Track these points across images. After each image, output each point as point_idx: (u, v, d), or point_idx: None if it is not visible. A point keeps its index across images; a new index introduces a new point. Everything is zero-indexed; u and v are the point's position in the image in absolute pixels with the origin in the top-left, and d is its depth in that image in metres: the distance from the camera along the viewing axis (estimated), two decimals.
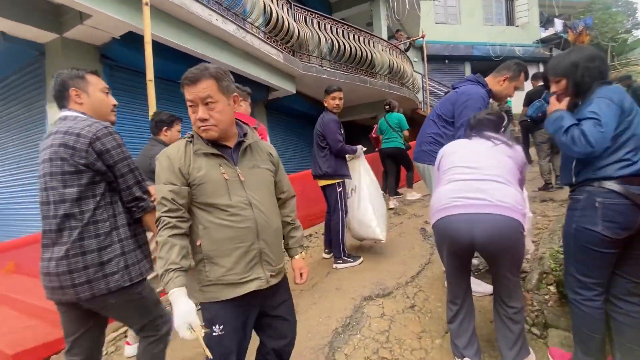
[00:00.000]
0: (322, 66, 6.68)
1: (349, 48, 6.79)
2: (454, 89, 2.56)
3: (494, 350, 1.88)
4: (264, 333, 1.38)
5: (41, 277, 1.31)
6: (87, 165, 1.27)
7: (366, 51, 7.17)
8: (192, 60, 4.40)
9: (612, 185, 1.44)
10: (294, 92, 6.46)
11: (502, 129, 1.88)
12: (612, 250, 1.48)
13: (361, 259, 3.16)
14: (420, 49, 11.19)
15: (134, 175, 1.36)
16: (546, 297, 2.35)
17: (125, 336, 2.46)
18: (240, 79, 5.30)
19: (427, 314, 2.32)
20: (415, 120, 10.67)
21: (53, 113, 3.65)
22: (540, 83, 4.78)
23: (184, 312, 1.04)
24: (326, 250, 3.39)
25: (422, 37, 8.90)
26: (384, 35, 9.04)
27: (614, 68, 16.40)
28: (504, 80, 2.45)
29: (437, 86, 11.39)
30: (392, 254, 3.18)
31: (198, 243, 1.18)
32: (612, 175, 1.45)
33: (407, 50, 9.98)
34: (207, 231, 1.17)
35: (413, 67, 9.63)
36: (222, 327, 1.17)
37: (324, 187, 3.16)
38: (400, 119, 5.03)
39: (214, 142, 1.23)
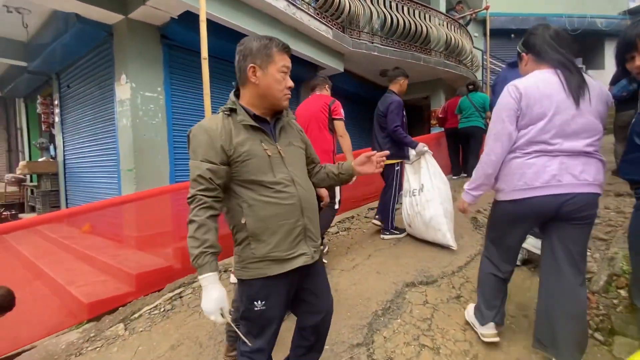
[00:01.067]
0: (372, 42, 6.39)
1: (402, 22, 6.39)
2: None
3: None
4: (299, 309, 1.39)
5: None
6: None
7: (421, 26, 6.70)
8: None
9: None
10: (342, 70, 6.30)
11: None
12: None
13: (406, 232, 3.28)
14: (482, 22, 10.20)
15: None
16: (615, 301, 2.11)
17: (181, 296, 2.70)
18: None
19: None
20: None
21: (121, 90, 3.96)
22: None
23: (218, 297, 1.06)
24: (377, 217, 3.48)
25: (487, 8, 8.05)
26: (442, 8, 8.37)
27: None
28: None
29: (500, 64, 10.38)
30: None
31: (243, 221, 1.16)
32: None
33: (467, 24, 9.14)
34: (252, 209, 1.16)
35: (473, 43, 8.85)
36: (264, 302, 1.18)
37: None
38: (485, 99, 5.04)
39: (256, 116, 1.22)
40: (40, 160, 6.37)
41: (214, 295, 1.06)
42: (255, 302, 1.18)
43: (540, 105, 1.45)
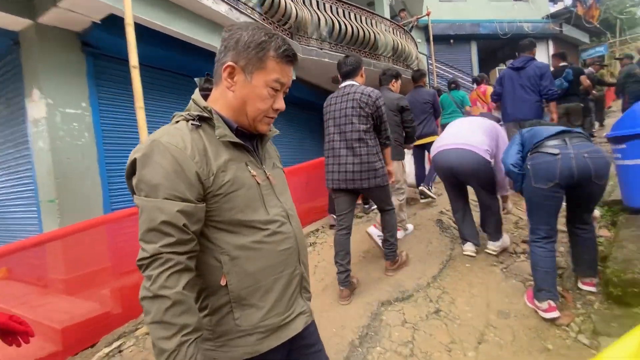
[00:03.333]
0: (322, 49, 6.28)
1: (350, 29, 6.37)
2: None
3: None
4: None
5: (335, 175, 2.39)
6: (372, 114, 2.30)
7: (368, 31, 6.74)
8: (181, 45, 4.06)
9: None
10: (294, 78, 6.08)
11: None
12: None
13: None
14: (424, 28, 10.66)
15: (387, 124, 2.40)
16: (591, 297, 2.08)
17: None
18: None
19: (455, 321, 2.05)
20: None
21: (34, 108, 3.35)
22: (562, 63, 5.07)
23: None
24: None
25: (428, 14, 8.39)
26: (387, 15, 8.57)
27: (625, 42, 15.76)
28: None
29: (443, 68, 10.91)
30: (408, 251, 2.90)
31: (223, 282, 0.81)
32: None
33: (410, 30, 9.48)
34: (237, 262, 0.81)
35: (418, 48, 9.16)
36: None
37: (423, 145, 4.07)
38: (464, 96, 5.40)
39: (238, 130, 0.87)
40: None
41: None
42: None
43: None
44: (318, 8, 6.04)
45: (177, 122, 0.82)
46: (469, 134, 2.54)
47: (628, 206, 2.62)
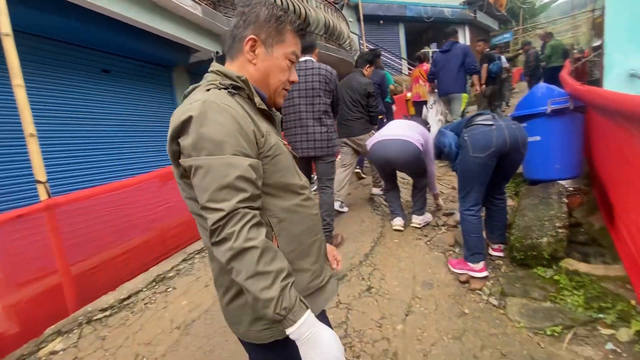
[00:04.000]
0: None
1: (279, 1, 6.05)
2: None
3: None
4: None
5: (303, 144, 2.54)
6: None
7: (299, 7, 6.49)
8: (73, 10, 3.41)
9: None
10: (221, 53, 5.63)
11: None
12: None
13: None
14: (355, 7, 10.69)
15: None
16: (499, 261, 2.32)
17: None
18: (148, 36, 4.37)
19: (385, 296, 2.14)
20: None
21: None
22: (487, 49, 5.85)
23: (335, 339, 0.72)
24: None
25: None
26: None
27: (527, 30, 17.87)
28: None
29: (374, 48, 11.13)
30: (342, 231, 2.95)
31: (275, 245, 0.77)
32: None
33: (341, 8, 9.42)
34: (284, 225, 0.82)
35: (349, 27, 9.17)
36: None
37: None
38: (386, 75, 5.29)
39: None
40: None
41: (329, 338, 0.71)
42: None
43: None
44: None
45: (208, 89, 0.78)
46: (405, 130, 2.76)
47: (528, 178, 2.97)
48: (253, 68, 0.86)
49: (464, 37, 14.09)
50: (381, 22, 12.58)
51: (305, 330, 0.69)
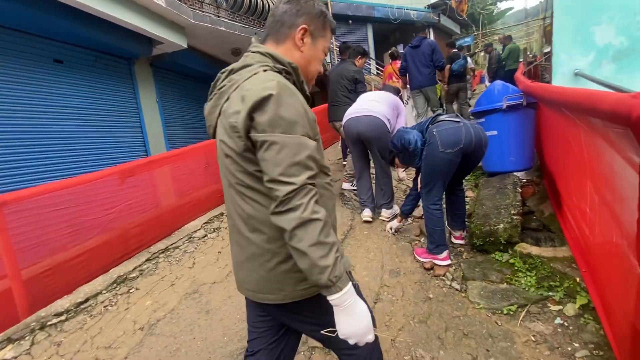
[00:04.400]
0: (220, 17, 5.73)
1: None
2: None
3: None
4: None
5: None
6: None
7: (268, 3, 6.42)
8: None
9: None
10: (185, 46, 5.43)
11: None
12: None
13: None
14: (325, 5, 10.75)
15: None
16: (460, 249, 2.44)
17: None
18: (105, 25, 4.12)
19: None
20: (323, 82, 10.47)
21: None
22: (454, 50, 6.14)
23: (368, 310, 0.82)
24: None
25: None
26: None
27: (486, 35, 18.90)
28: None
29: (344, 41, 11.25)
30: None
31: None
32: None
33: None
34: (322, 200, 0.88)
35: None
36: None
37: None
38: None
39: None
40: None
41: (364, 309, 0.81)
42: (355, 284, 0.93)
43: None
44: None
45: (265, 70, 0.85)
46: (373, 104, 2.88)
47: (486, 171, 3.16)
48: (299, 55, 0.94)
49: (429, 39, 14.62)
50: (350, 22, 12.75)
51: (347, 298, 0.78)
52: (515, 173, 2.88)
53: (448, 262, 2.24)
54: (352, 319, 0.79)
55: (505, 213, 2.25)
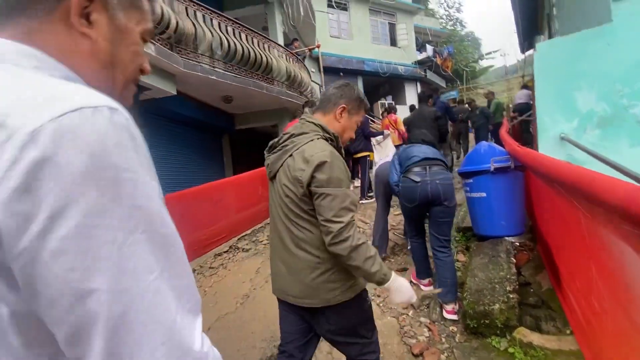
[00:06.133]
0: (213, 66, 5.84)
1: (241, 49, 6.13)
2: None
3: None
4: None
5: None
6: None
7: (261, 55, 6.63)
8: None
9: None
10: (175, 93, 5.44)
11: None
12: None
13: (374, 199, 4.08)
14: (317, 59, 11.28)
15: None
16: (453, 328, 2.18)
17: None
18: None
19: None
20: None
21: None
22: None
23: (408, 283, 1.23)
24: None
25: (318, 46, 8.90)
26: (280, 42, 8.68)
27: (469, 89, 20.01)
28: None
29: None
30: None
31: None
32: None
33: (303, 60, 9.87)
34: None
35: (311, 77, 9.55)
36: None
37: (358, 158, 5.51)
38: None
39: None
40: None
41: (406, 283, 1.22)
42: (367, 300, 1.33)
43: None
44: (204, 22, 5.62)
45: (319, 139, 1.21)
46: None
47: (477, 234, 2.98)
48: (338, 125, 1.30)
49: (417, 92, 15.34)
50: (341, 74, 13.35)
51: (394, 280, 1.17)
52: (507, 238, 2.71)
53: (429, 288, 2.60)
54: (400, 293, 1.19)
55: (500, 289, 2.03)
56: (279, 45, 7.86)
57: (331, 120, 1.28)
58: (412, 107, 8.60)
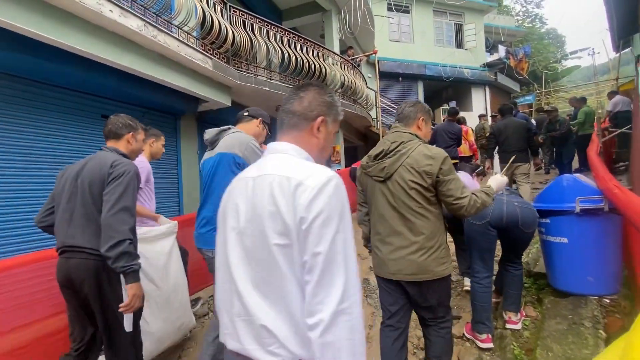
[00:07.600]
0: (270, 78, 5.92)
1: (294, 59, 6.11)
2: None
3: None
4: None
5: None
6: None
7: (316, 64, 6.55)
8: (72, 58, 3.34)
9: None
10: (230, 104, 5.60)
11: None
12: None
13: None
14: (373, 64, 10.94)
15: None
16: None
17: None
18: (156, 87, 4.34)
19: None
20: (367, 137, 10.31)
21: None
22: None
23: (503, 178, 1.81)
24: None
25: (374, 53, 8.57)
26: (336, 49, 8.54)
27: (549, 93, 17.74)
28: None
29: (390, 104, 11.19)
30: None
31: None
32: None
33: (358, 66, 9.61)
34: None
35: (367, 84, 9.25)
36: None
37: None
38: None
39: None
40: None
41: (502, 179, 1.80)
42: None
43: None
44: (260, 35, 5.71)
45: (423, 144, 1.68)
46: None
47: (553, 287, 2.45)
48: (422, 133, 1.78)
49: (485, 98, 14.05)
50: (400, 79, 12.78)
51: (494, 191, 1.70)
52: (593, 297, 2.17)
53: (489, 345, 2.12)
54: (499, 183, 1.76)
55: None
56: (334, 52, 7.72)
57: (416, 129, 1.74)
58: (480, 116, 8.73)
